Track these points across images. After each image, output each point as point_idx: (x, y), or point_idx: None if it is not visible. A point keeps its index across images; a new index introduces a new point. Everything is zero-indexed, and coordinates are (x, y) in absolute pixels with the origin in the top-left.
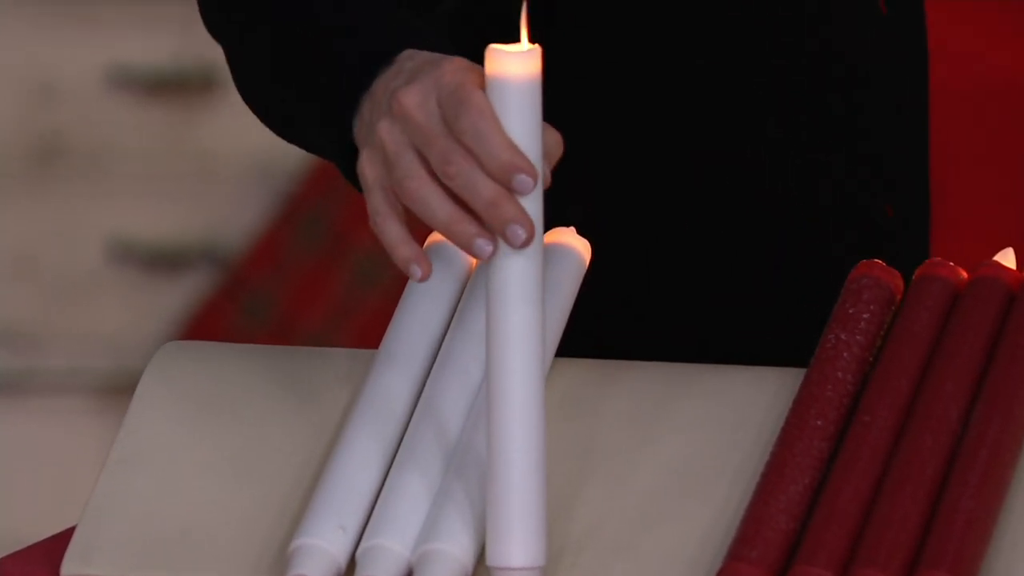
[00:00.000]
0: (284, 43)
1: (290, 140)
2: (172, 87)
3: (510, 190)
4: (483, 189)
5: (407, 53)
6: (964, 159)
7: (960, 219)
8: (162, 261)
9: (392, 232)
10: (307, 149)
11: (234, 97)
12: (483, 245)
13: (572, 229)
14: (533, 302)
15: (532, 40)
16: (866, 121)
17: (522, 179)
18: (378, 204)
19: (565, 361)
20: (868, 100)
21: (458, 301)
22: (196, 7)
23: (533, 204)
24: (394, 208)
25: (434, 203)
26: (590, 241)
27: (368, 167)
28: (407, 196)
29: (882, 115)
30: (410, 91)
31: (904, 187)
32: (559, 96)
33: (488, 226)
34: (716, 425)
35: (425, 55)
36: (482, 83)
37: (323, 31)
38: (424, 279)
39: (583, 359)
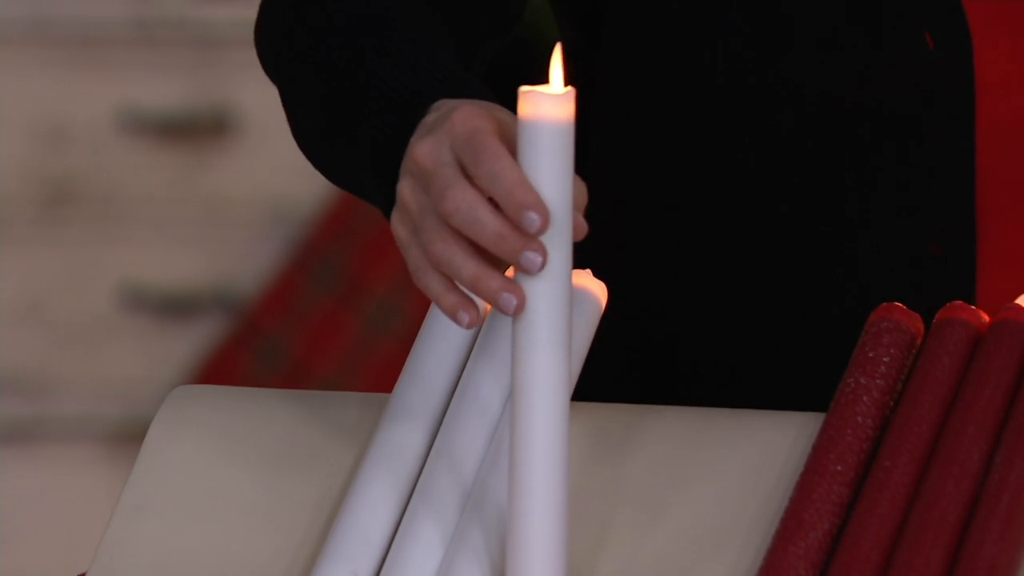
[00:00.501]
0: (329, 88)
1: (341, 185)
2: (184, 131)
3: (520, 227)
4: (488, 222)
5: (437, 104)
6: (1010, 193)
7: (1006, 255)
8: (174, 307)
9: (434, 284)
10: (360, 196)
11: (246, 140)
12: (508, 299)
13: (588, 271)
14: (560, 345)
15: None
16: (914, 160)
17: (530, 216)
18: (416, 261)
19: (586, 406)
20: (916, 139)
21: (473, 344)
22: (207, 50)
23: (559, 247)
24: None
25: (458, 261)
26: (607, 284)
27: (399, 227)
28: (433, 260)
29: (930, 153)
30: (422, 145)
31: (951, 225)
32: (592, 140)
33: (506, 260)
34: (735, 470)
35: (447, 104)
36: (494, 127)
37: (366, 76)
38: (472, 325)
39: (605, 403)
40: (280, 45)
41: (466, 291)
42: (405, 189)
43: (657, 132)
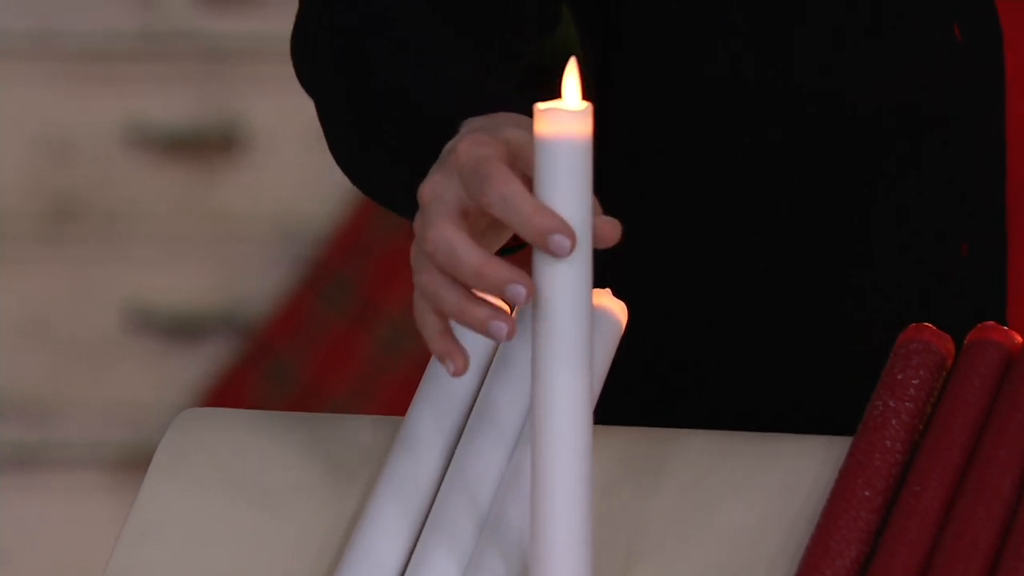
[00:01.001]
0: (361, 104)
1: (379, 199)
2: (191, 146)
3: (549, 254)
4: (466, 259)
5: (466, 123)
6: None
7: None
8: (181, 327)
9: (429, 327)
10: (395, 211)
11: (255, 155)
12: (499, 327)
13: (608, 291)
14: (581, 366)
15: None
16: (941, 157)
17: (558, 240)
18: (417, 299)
19: (607, 430)
20: (943, 135)
21: (489, 365)
22: (215, 64)
23: (579, 267)
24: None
25: (442, 292)
26: (627, 303)
27: (414, 267)
28: (422, 293)
29: (958, 150)
30: (430, 181)
31: (979, 225)
32: (614, 160)
33: (491, 294)
34: (761, 496)
35: (466, 125)
36: (501, 151)
37: (393, 93)
38: (459, 374)
39: (626, 427)
40: (310, 57)
41: (459, 336)
42: (416, 224)
43: (675, 137)
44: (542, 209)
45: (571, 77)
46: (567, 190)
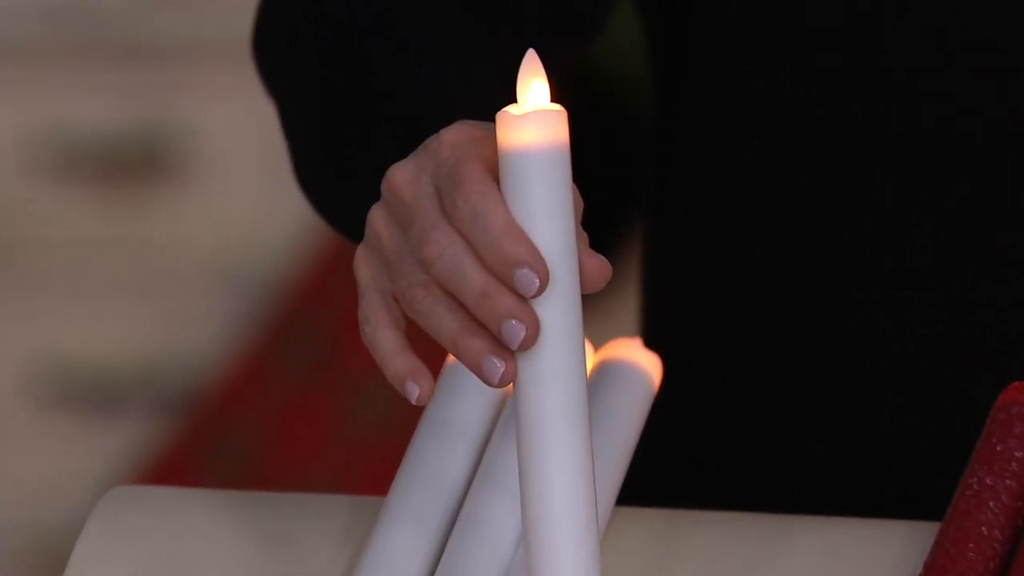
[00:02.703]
0: (348, 103)
1: (340, 227)
2: (114, 164)
3: (512, 288)
4: (472, 277)
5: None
6: None
7: None
8: (105, 389)
9: (383, 342)
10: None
11: (199, 177)
12: (494, 365)
13: (638, 341)
14: (576, 435)
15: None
16: None
17: (524, 275)
18: (368, 309)
19: (634, 512)
20: None
21: (488, 436)
22: (140, 69)
23: (564, 310)
24: (390, 313)
25: (438, 312)
26: (662, 356)
27: (363, 265)
28: (408, 307)
29: None
30: (402, 170)
31: None
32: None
33: (487, 325)
34: None
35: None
36: (490, 153)
37: (375, 93)
38: (423, 400)
39: (653, 509)
40: (279, 52)
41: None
42: (378, 219)
43: (758, 149)
44: (514, 232)
45: (532, 72)
46: (542, 213)
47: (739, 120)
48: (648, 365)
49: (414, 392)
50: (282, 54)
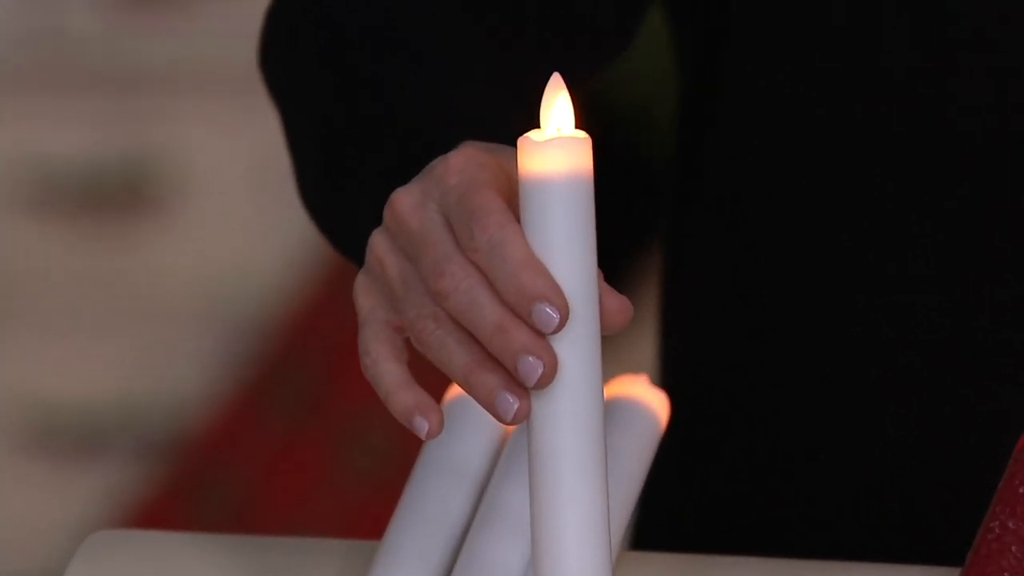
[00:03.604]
0: (335, 124)
1: (345, 250)
2: (94, 197)
3: (530, 324)
4: (488, 311)
5: (465, 143)
6: None
7: None
8: (86, 432)
9: (387, 375)
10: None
11: (178, 211)
12: (508, 401)
13: (644, 378)
14: (591, 478)
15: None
16: None
17: (543, 311)
18: (370, 340)
19: (642, 556)
20: None
21: (489, 474)
22: (121, 96)
23: (584, 349)
24: (392, 345)
25: (449, 346)
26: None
27: (363, 293)
28: (417, 339)
29: None
30: (406, 193)
31: None
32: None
33: (502, 361)
34: None
35: (470, 143)
36: (499, 178)
37: (383, 108)
38: (433, 436)
39: (663, 553)
40: (283, 58)
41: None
42: (380, 246)
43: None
44: (533, 265)
45: (558, 95)
46: (564, 245)
47: (762, 130)
48: (655, 404)
49: (423, 427)
50: (286, 60)
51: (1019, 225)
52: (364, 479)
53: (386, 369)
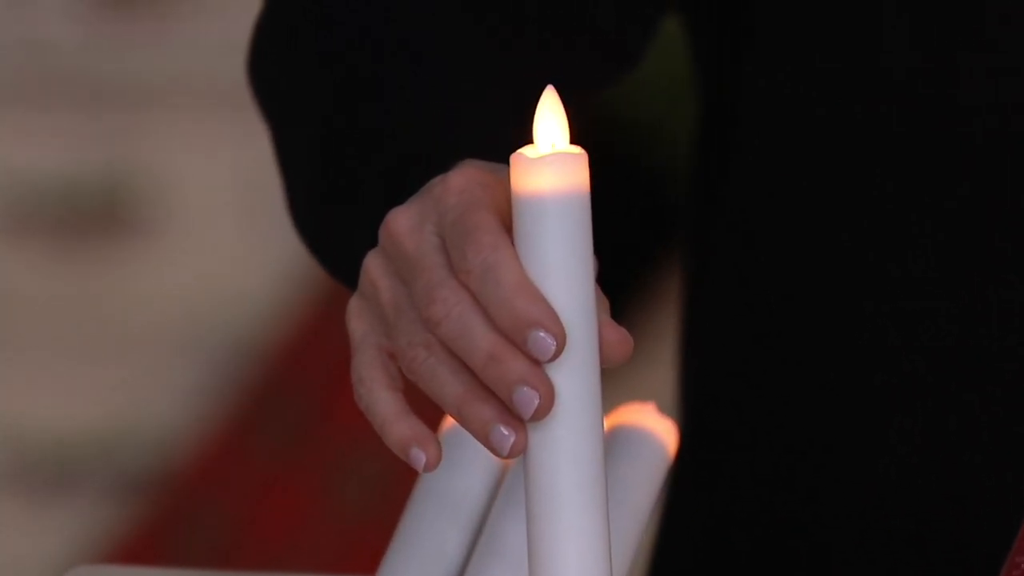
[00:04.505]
0: (332, 140)
1: (338, 274)
2: (70, 216)
3: (525, 352)
4: (481, 339)
5: (465, 161)
6: None
7: None
8: (64, 464)
9: (382, 404)
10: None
11: (161, 231)
12: (503, 434)
13: (651, 406)
14: (592, 513)
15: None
16: None
17: (539, 338)
18: (363, 368)
19: None
20: None
21: (488, 507)
22: (100, 111)
23: (581, 378)
24: (386, 372)
25: (441, 375)
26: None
27: (357, 317)
28: (408, 368)
29: None
30: (402, 214)
31: None
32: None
33: (496, 392)
34: None
35: (471, 161)
36: (501, 201)
37: (384, 123)
38: (431, 468)
39: None
40: (275, 68)
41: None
42: (375, 268)
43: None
44: (528, 290)
45: (551, 109)
46: (560, 268)
47: (782, 142)
48: (663, 432)
49: (420, 460)
50: (282, 64)
51: (1018, 224)
52: (356, 513)
53: (380, 398)
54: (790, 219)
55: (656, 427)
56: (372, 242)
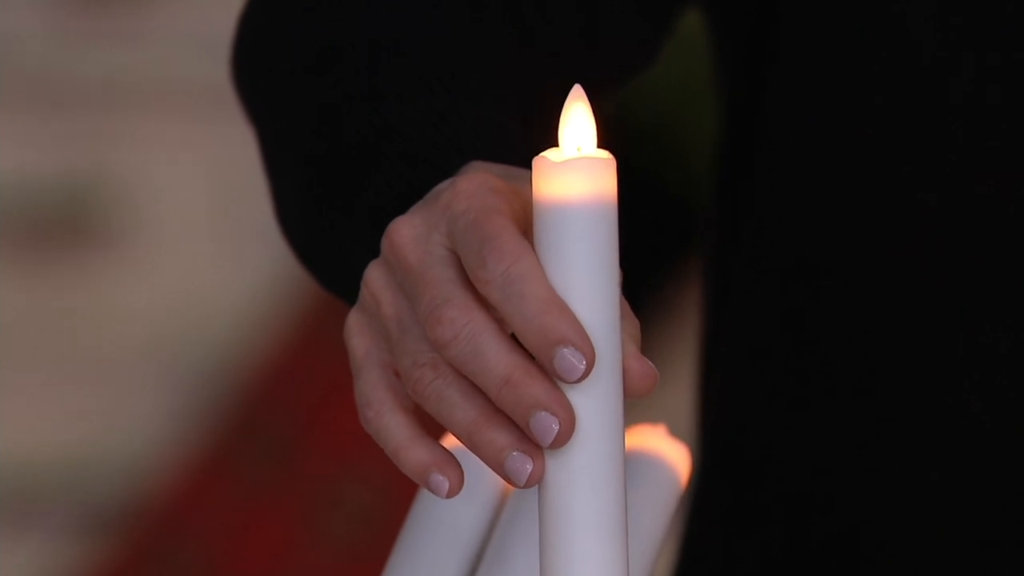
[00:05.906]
0: (327, 139)
1: (331, 285)
2: (38, 226)
3: (551, 371)
4: (494, 361)
5: (469, 166)
6: None
7: None
8: (18, 495)
9: (393, 429)
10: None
11: (133, 241)
12: (519, 463)
13: (662, 428)
14: (612, 546)
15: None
16: None
17: (567, 357)
18: (369, 389)
19: None
20: None
21: (488, 538)
22: (66, 115)
23: (605, 400)
24: (394, 392)
25: (450, 398)
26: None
27: (357, 334)
28: (413, 390)
29: None
30: (406, 223)
31: None
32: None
33: (513, 417)
34: None
35: (471, 168)
36: (514, 207)
37: (381, 123)
38: (455, 493)
39: None
40: (264, 65)
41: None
42: (376, 281)
43: (852, 190)
44: (556, 304)
45: (578, 110)
46: (584, 278)
47: (808, 147)
48: (674, 457)
49: (443, 487)
50: (270, 66)
51: None
52: (343, 547)
53: (392, 421)
54: (820, 222)
55: (668, 451)
56: (371, 254)
